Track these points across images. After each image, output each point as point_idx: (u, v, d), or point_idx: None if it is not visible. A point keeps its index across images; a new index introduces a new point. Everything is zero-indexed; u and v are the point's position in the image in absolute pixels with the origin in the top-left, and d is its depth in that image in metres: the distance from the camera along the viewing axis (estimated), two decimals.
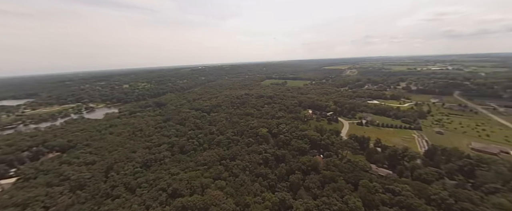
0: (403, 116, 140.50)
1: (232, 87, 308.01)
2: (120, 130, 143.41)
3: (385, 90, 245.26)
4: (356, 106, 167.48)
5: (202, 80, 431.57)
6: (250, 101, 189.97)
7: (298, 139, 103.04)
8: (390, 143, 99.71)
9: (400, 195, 61.35)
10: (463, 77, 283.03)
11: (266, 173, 79.22)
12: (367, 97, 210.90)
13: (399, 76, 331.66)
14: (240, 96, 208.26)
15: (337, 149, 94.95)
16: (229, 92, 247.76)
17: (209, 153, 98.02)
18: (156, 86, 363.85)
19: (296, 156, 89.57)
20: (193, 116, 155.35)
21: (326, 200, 61.39)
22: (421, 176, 71.41)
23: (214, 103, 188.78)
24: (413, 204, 57.17)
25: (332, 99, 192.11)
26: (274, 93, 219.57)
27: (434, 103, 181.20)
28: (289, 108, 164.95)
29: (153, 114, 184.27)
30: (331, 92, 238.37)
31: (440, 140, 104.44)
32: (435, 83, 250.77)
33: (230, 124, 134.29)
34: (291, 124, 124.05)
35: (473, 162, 75.20)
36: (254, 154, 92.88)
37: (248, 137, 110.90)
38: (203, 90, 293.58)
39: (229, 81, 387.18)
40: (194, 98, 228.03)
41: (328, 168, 78.25)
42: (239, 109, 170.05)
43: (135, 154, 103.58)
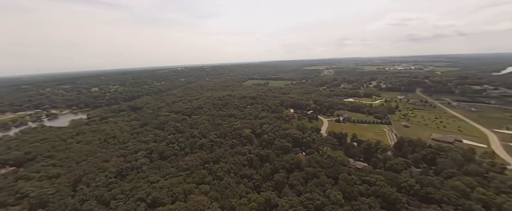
0: (375, 112, 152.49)
1: (214, 89, 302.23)
2: (90, 138, 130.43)
3: (359, 88, 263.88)
4: (334, 104, 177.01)
5: (181, 82, 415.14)
6: (233, 102, 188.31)
7: (281, 138, 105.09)
8: (364, 137, 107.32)
9: (375, 185, 66.42)
10: (423, 76, 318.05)
11: (251, 173, 79.20)
12: (343, 95, 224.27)
13: (371, 76, 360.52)
14: (222, 97, 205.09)
15: (318, 146, 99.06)
16: (211, 94, 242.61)
17: (192, 157, 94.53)
18: (131, 89, 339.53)
19: (280, 155, 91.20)
20: (173, 119, 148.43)
21: (309, 196, 63.59)
22: (392, 166, 78.24)
23: (195, 105, 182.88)
24: (386, 192, 62.33)
25: (312, 98, 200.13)
26: (257, 93, 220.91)
27: (400, 99, 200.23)
28: (272, 108, 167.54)
29: (127, 119, 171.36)
30: (311, 91, 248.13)
31: (406, 133, 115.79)
32: (400, 82, 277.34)
33: (213, 126, 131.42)
34: (274, 123, 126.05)
35: (434, 151, 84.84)
36: (238, 155, 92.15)
37: (232, 138, 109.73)
38: (183, 92, 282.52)
39: (210, 83, 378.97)
40: (173, 101, 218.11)
41: (311, 164, 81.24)
42: (221, 110, 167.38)
43: (107, 163, 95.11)
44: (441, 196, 59.94)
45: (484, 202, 57.14)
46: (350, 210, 58.92)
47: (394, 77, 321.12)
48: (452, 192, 61.19)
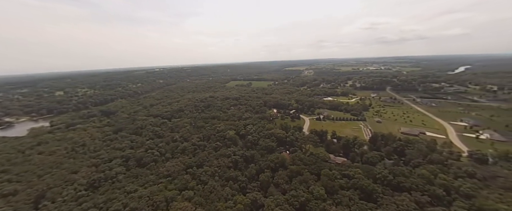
0: (352, 110, 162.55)
1: (195, 90, 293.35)
2: (54, 148, 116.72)
3: (337, 88, 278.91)
4: (315, 103, 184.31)
5: (160, 84, 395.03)
6: (216, 104, 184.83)
7: (265, 138, 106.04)
8: (343, 134, 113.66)
9: (354, 178, 70.66)
10: (392, 75, 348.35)
11: (236, 175, 78.44)
12: (323, 95, 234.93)
13: (347, 76, 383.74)
14: (204, 99, 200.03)
15: (301, 144, 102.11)
16: (192, 96, 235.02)
17: (173, 162, 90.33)
18: (102, 92, 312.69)
19: (265, 155, 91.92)
20: (151, 123, 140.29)
21: (294, 193, 65.13)
22: (368, 160, 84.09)
23: (175, 108, 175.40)
24: (364, 184, 66.70)
25: (294, 98, 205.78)
26: (240, 94, 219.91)
27: (373, 97, 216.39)
28: (255, 108, 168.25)
29: (99, 125, 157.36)
30: (292, 91, 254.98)
31: (379, 128, 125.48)
32: (373, 81, 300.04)
33: (195, 129, 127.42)
34: (258, 124, 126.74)
35: (403, 143, 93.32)
36: (222, 158, 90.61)
37: (216, 141, 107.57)
38: (162, 95, 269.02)
39: (191, 84, 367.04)
40: (151, 104, 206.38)
41: (294, 162, 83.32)
42: (204, 113, 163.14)
43: (76, 175, 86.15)
44: (410, 184, 66.07)
45: (445, 187, 64.46)
46: (332, 203, 61.73)
47: (367, 77, 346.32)
48: (419, 179, 67.89)
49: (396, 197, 62.32)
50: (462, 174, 70.68)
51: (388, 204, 59.62)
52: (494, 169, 73.70)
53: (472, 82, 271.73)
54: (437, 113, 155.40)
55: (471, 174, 70.26)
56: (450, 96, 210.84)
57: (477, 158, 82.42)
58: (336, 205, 60.87)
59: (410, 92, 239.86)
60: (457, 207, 56.82)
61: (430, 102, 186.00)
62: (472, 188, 63.01)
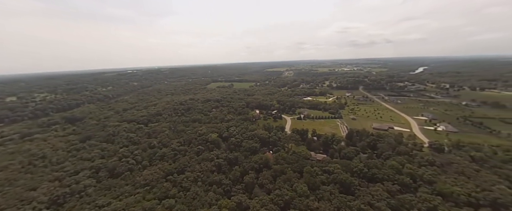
0: (329, 108, 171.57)
1: (174, 93, 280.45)
2: (6, 162, 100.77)
3: (315, 88, 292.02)
4: (295, 103, 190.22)
5: (134, 86, 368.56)
6: (196, 106, 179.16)
7: (248, 139, 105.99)
8: (322, 131, 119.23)
9: (334, 173, 74.54)
10: (363, 75, 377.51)
11: (220, 179, 76.87)
12: (302, 95, 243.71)
13: (324, 76, 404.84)
14: (184, 102, 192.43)
15: (283, 143, 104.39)
16: (171, 98, 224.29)
17: (151, 170, 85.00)
18: (65, 96, 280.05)
19: (249, 156, 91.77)
20: (125, 129, 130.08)
21: (278, 192, 66.15)
22: (346, 155, 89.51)
23: (152, 112, 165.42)
24: (343, 178, 70.78)
25: (275, 98, 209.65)
26: (222, 96, 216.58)
27: (348, 96, 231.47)
28: (238, 110, 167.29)
29: (63, 134, 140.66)
30: (274, 92, 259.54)
31: (354, 124, 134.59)
32: (347, 81, 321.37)
33: (175, 134, 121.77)
34: (241, 125, 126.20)
35: (375, 138, 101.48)
36: (205, 162, 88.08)
37: (197, 145, 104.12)
38: (137, 98, 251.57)
39: (169, 86, 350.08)
40: (125, 109, 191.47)
41: (278, 162, 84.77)
42: (184, 116, 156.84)
43: (35, 192, 75.61)
44: (383, 175, 72.07)
45: (411, 175, 71.71)
46: (315, 199, 64.21)
47: (342, 77, 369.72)
48: (390, 170, 74.41)
49: (371, 188, 67.41)
50: (425, 162, 79.46)
51: (364, 195, 64.12)
52: (449, 157, 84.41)
53: (429, 81, 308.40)
54: (402, 109, 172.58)
55: (432, 162, 79.40)
56: (412, 94, 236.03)
57: (435, 147, 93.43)
58: (319, 201, 63.43)
59: (379, 91, 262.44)
60: (421, 192, 63.56)
61: (396, 100, 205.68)
62: (433, 174, 71.24)
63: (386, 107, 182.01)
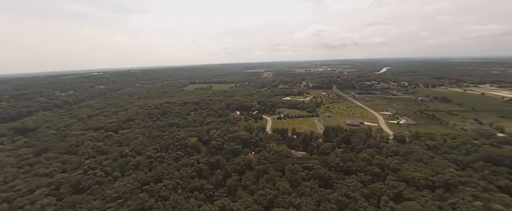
0: (307, 107, 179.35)
1: (148, 96, 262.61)
2: None
3: (293, 88, 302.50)
4: (275, 103, 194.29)
5: (100, 90, 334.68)
6: (173, 110, 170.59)
7: (230, 141, 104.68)
8: (301, 130, 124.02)
9: (313, 169, 78.04)
10: (336, 76, 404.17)
11: (202, 184, 74.33)
12: (282, 95, 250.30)
13: (301, 77, 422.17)
14: (159, 105, 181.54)
15: (265, 143, 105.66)
16: (144, 102, 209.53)
17: (124, 181, 78.13)
18: (15, 103, 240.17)
19: (231, 159, 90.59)
20: (91, 138, 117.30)
21: (262, 192, 66.66)
22: (323, 151, 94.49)
23: (123, 117, 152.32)
24: (322, 173, 74.59)
25: (255, 99, 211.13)
26: (200, 98, 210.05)
27: (323, 95, 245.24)
28: (218, 112, 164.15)
29: (11, 147, 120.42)
30: (254, 93, 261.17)
31: (330, 121, 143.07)
32: (322, 81, 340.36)
33: (150, 140, 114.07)
34: (222, 127, 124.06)
35: (348, 133, 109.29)
36: (185, 167, 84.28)
37: (176, 150, 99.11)
38: (104, 103, 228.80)
39: (142, 89, 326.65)
40: (90, 115, 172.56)
41: (260, 162, 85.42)
42: (160, 121, 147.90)
43: None
44: (356, 167, 77.98)
45: (380, 165, 78.96)
46: (297, 195, 66.36)
47: (318, 77, 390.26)
48: (362, 162, 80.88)
49: (347, 180, 72.38)
50: (391, 153, 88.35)
51: (341, 187, 68.54)
52: (410, 146, 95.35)
53: (392, 80, 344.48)
54: (370, 105, 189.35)
55: (396, 152, 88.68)
56: (378, 91, 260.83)
57: (399, 139, 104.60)
58: (300, 196, 65.72)
59: (351, 89, 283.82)
60: (389, 180, 70.50)
61: (365, 97, 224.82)
62: (398, 163, 79.59)
63: (357, 104, 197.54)
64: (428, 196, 63.08)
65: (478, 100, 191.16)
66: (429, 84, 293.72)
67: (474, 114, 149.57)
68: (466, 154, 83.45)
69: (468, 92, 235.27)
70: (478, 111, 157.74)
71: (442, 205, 58.80)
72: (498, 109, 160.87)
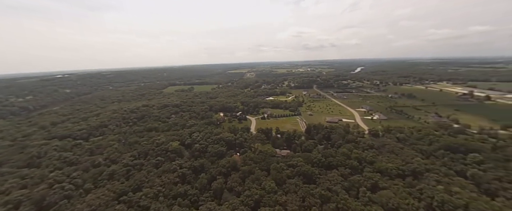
0: (290, 107, 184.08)
1: (123, 99, 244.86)
2: None
3: (276, 88, 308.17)
4: (259, 103, 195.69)
5: (66, 94, 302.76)
6: (152, 113, 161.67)
7: (214, 143, 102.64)
8: (285, 129, 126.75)
9: (297, 166, 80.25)
10: (316, 75, 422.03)
11: (186, 190, 71.60)
12: (265, 95, 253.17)
13: (283, 77, 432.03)
14: (136, 109, 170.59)
15: (250, 144, 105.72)
16: (119, 106, 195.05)
17: (98, 193, 71.65)
18: None
19: (215, 161, 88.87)
20: (56, 148, 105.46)
21: (248, 193, 66.57)
22: (306, 148, 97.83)
23: (94, 124, 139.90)
24: (305, 170, 77.06)
25: (239, 100, 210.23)
26: (181, 100, 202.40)
27: (304, 94, 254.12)
28: (200, 114, 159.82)
29: None
30: (237, 94, 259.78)
31: (311, 119, 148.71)
32: (303, 81, 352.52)
33: (127, 147, 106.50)
34: (205, 130, 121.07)
35: (328, 130, 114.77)
36: (166, 174, 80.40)
37: (156, 156, 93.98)
38: (72, 109, 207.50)
39: (116, 92, 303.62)
40: (54, 122, 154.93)
41: (246, 163, 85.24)
42: (137, 125, 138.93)
43: None
44: (337, 162, 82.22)
45: (358, 159, 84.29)
46: (282, 193, 67.64)
47: (299, 77, 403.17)
48: (342, 157, 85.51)
49: (329, 175, 75.88)
50: (367, 147, 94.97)
51: (324, 182, 71.66)
52: (383, 140, 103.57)
53: (365, 79, 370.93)
54: (347, 103, 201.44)
55: (371, 146, 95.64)
56: (354, 90, 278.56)
57: (373, 133, 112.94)
58: (286, 194, 67.11)
59: (329, 88, 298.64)
60: (366, 172, 75.69)
61: (342, 96, 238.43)
62: (373, 156, 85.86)
63: (336, 102, 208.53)
64: (399, 184, 69.15)
65: (437, 96, 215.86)
66: (397, 82, 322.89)
67: (434, 108, 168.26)
68: (429, 144, 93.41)
69: (429, 89, 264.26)
70: (437, 105, 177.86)
71: (411, 192, 65.01)
72: (453, 103, 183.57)
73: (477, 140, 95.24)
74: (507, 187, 63.40)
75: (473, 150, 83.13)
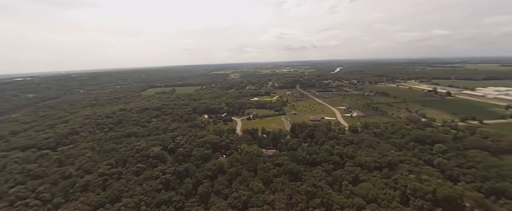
0: (274, 106, 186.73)
1: (96, 104, 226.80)
2: None
3: (260, 88, 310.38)
4: (244, 104, 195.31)
5: (28, 100, 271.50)
6: (130, 117, 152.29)
7: (199, 146, 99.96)
8: (270, 128, 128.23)
9: (283, 165, 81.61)
10: (299, 76, 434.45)
11: (170, 196, 68.55)
12: (250, 95, 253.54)
13: (267, 77, 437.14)
14: (112, 113, 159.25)
15: (236, 145, 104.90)
16: (92, 111, 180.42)
17: (70, 208, 65.49)
18: None
19: (201, 165, 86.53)
20: (17, 160, 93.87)
21: (236, 195, 66.01)
22: (291, 147, 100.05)
23: (63, 131, 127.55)
24: (291, 168, 78.74)
25: (224, 101, 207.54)
26: (163, 103, 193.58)
27: (288, 94, 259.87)
28: (184, 117, 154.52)
29: None
30: (222, 95, 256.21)
31: (296, 118, 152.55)
32: (287, 81, 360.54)
33: (102, 155, 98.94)
34: (189, 133, 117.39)
35: (312, 128, 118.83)
36: (148, 181, 76.27)
37: (136, 163, 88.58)
38: (35, 115, 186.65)
39: (88, 96, 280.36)
40: (14, 131, 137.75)
41: (232, 164, 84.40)
42: (113, 131, 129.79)
43: None
44: (320, 158, 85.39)
45: (340, 154, 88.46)
46: (270, 192, 68.32)
47: (282, 78, 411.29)
48: (325, 153, 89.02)
49: (313, 171, 78.49)
50: (347, 142, 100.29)
51: (309, 178, 73.95)
52: (361, 135, 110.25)
53: (344, 78, 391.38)
54: (329, 101, 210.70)
55: (351, 141, 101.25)
56: (334, 89, 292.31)
57: (353, 130, 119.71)
58: (273, 193, 67.90)
59: (312, 88, 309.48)
60: (347, 166, 79.84)
61: (324, 95, 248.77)
62: (353, 150, 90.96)
63: (318, 101, 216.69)
64: (377, 176, 74.24)
65: (407, 93, 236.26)
66: (372, 81, 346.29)
67: (405, 104, 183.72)
68: (402, 137, 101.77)
69: (400, 87, 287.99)
70: (407, 101, 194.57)
71: (388, 182, 70.18)
72: (420, 99, 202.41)
73: (441, 132, 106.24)
74: (467, 172, 71.78)
75: (438, 141, 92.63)
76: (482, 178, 67.99)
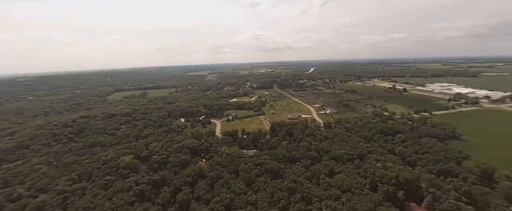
0: (254, 107, 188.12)
1: (51, 111, 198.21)
2: None
3: (239, 89, 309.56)
4: (222, 105, 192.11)
5: None
6: (94, 125, 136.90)
7: (176, 152, 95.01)
8: (250, 129, 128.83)
9: (264, 164, 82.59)
10: (276, 76, 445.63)
11: (146, 208, 63.57)
12: (228, 97, 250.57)
13: (245, 78, 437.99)
14: (72, 122, 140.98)
15: (216, 148, 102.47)
16: (46, 120, 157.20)
17: None
18: None
19: (179, 172, 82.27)
20: None
21: (218, 199, 64.50)
22: (271, 146, 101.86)
23: (8, 145, 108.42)
24: (272, 167, 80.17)
25: (201, 103, 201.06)
26: (133, 108, 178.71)
27: (266, 94, 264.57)
28: (158, 122, 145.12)
29: None
30: (199, 97, 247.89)
31: (274, 118, 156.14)
32: (264, 81, 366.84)
33: (61, 169, 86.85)
34: (164, 139, 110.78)
35: (290, 126, 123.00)
36: (119, 194, 69.49)
37: (103, 176, 79.96)
38: None
39: (40, 103, 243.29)
40: None
41: (213, 168, 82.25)
42: (74, 142, 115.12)
43: None
44: (299, 155, 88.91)
45: (317, 150, 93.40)
46: (252, 192, 68.49)
47: (260, 78, 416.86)
48: (303, 150, 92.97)
49: (293, 168, 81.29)
50: (323, 138, 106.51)
51: (289, 175, 76.36)
52: (335, 131, 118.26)
53: (318, 78, 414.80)
54: (305, 100, 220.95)
55: (326, 137, 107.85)
56: (309, 88, 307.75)
57: (327, 126, 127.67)
58: (256, 193, 68.25)
59: (288, 87, 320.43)
60: (324, 160, 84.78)
61: (300, 94, 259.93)
62: (328, 145, 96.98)
63: (295, 100, 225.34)
64: (350, 167, 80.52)
65: (371, 90, 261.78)
66: (342, 80, 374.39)
67: (371, 100, 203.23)
68: (369, 130, 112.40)
69: (365, 85, 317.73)
70: (372, 97, 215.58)
71: (359, 172, 76.74)
72: (383, 95, 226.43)
73: (400, 124, 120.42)
74: (421, 158, 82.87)
75: (398, 132, 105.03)
76: (433, 161, 79.34)
